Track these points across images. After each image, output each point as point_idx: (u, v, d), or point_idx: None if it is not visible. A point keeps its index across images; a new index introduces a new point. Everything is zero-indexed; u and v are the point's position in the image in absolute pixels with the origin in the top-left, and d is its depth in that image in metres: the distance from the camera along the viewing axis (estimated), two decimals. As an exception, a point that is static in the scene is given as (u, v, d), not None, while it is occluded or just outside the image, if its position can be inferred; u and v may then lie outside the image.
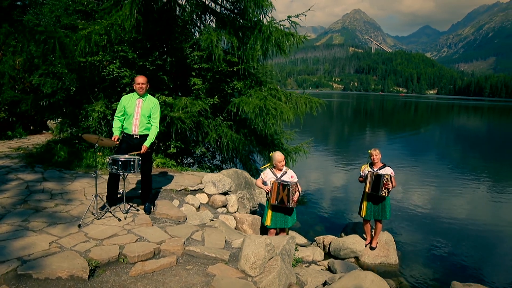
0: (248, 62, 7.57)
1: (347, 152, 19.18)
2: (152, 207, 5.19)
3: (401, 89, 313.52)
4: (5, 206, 4.75)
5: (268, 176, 5.28)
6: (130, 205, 5.08)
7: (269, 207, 5.36)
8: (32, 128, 11.06)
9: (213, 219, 5.58)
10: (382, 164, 6.01)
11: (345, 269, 5.55)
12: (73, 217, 4.57)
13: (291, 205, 5.08)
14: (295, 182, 5.07)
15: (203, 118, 7.72)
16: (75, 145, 7.82)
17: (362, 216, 6.19)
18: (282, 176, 5.20)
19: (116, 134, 4.85)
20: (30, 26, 6.43)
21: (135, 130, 4.88)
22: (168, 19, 8.48)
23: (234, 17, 7.94)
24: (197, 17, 8.84)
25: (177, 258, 3.79)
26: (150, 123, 4.96)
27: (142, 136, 4.91)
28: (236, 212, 6.34)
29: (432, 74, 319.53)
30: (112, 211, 4.68)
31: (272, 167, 5.38)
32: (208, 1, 8.36)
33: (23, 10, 13.52)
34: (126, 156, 4.59)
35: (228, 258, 3.88)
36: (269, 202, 5.28)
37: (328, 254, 6.42)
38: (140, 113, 4.86)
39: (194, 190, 6.24)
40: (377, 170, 5.93)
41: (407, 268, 6.13)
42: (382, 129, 32.69)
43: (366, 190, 5.93)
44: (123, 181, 4.77)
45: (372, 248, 6.26)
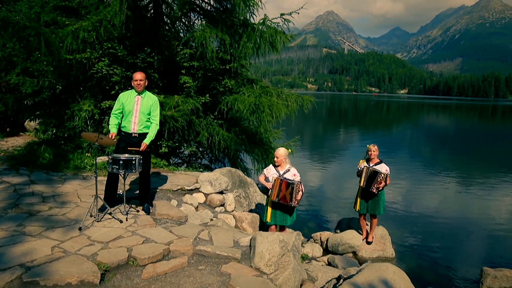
0: (240, 60, 7.50)
1: (330, 150, 19.41)
2: (150, 208, 5.04)
3: (373, 89, 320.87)
4: (-5, 210, 4.47)
5: (270, 172, 5.22)
6: (129, 206, 4.90)
7: (269, 204, 5.31)
8: (8, 130, 10.51)
9: (213, 219, 5.49)
10: (379, 160, 6.09)
11: (345, 264, 5.59)
12: (71, 220, 4.35)
13: (294, 204, 5.03)
14: (299, 181, 5.03)
15: (195, 117, 7.58)
16: (61, 146, 7.48)
17: (356, 210, 6.27)
18: (284, 173, 5.16)
19: (113, 131, 4.66)
20: (13, 22, 6.07)
21: (134, 128, 4.70)
22: (155, 17, 8.29)
23: (226, 15, 7.83)
24: (183, 15, 8.67)
25: (188, 259, 3.67)
26: (150, 121, 4.81)
27: (141, 134, 4.74)
28: (233, 211, 6.25)
29: (403, 75, 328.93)
30: (112, 213, 4.50)
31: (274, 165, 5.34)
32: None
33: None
34: (127, 155, 4.42)
35: (240, 257, 3.80)
36: (269, 198, 5.23)
37: (325, 250, 6.46)
38: (139, 110, 4.69)
39: (191, 190, 6.10)
40: (373, 166, 6.00)
41: (404, 260, 6.26)
42: (356, 128, 33.35)
43: (361, 184, 5.99)
44: (123, 181, 4.59)
45: (368, 242, 6.34)
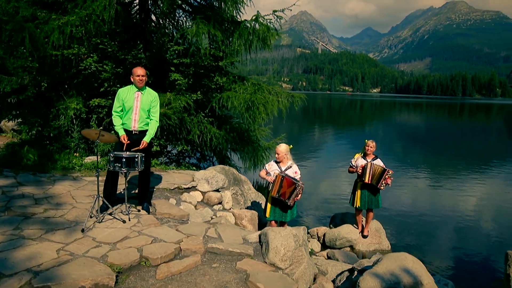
0: (231, 57, 7.43)
1: (310, 147, 19.60)
2: (150, 207, 4.90)
3: (347, 88, 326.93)
4: (-15, 214, 4.21)
5: (272, 167, 5.18)
6: (129, 205, 4.74)
7: (269, 200, 5.27)
8: (-17, 131, 9.99)
9: (213, 217, 5.41)
10: (374, 156, 6.16)
11: (345, 258, 5.64)
12: (70, 221, 4.16)
13: (290, 203, 5.01)
14: (302, 183, 5.00)
15: (186, 114, 7.44)
16: (46, 146, 7.14)
17: (357, 206, 6.20)
18: (286, 169, 5.13)
19: (122, 133, 4.48)
20: (-5, 15, 5.75)
21: (135, 125, 4.55)
22: (141, 12, 8.08)
23: (214, 12, 7.74)
24: (171, 11, 8.50)
25: (201, 257, 3.59)
26: (150, 118, 4.67)
27: (141, 132, 4.60)
28: (231, 208, 6.18)
29: (375, 74, 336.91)
30: (113, 213, 4.34)
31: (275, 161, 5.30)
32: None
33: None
34: (129, 152, 4.27)
35: (253, 253, 3.75)
36: (269, 194, 5.19)
37: (323, 245, 6.50)
38: (139, 107, 4.55)
39: (188, 188, 5.99)
40: (370, 161, 6.05)
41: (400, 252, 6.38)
42: (331, 126, 33.87)
43: (366, 180, 5.90)
44: (125, 179, 4.44)
45: (364, 236, 6.41)
